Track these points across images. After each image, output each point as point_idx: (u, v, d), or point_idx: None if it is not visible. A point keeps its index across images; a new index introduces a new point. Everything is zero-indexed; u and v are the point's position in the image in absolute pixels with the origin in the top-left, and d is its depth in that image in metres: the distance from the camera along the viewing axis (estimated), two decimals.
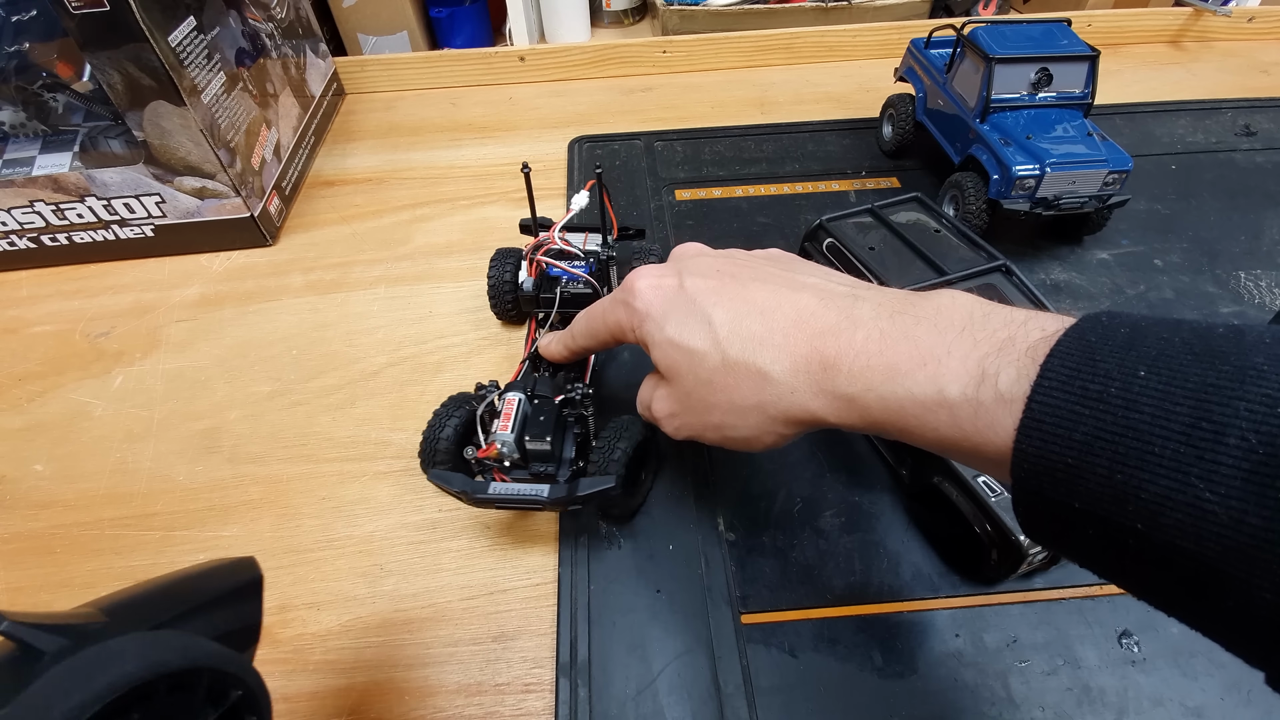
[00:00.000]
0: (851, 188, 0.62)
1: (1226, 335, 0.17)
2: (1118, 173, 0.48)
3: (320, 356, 0.49)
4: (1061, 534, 0.19)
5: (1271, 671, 0.16)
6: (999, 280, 0.40)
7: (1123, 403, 0.16)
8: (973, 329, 0.22)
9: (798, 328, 0.26)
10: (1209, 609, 0.16)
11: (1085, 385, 0.17)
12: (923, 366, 0.22)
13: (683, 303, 0.29)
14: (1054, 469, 0.17)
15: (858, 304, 0.25)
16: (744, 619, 0.35)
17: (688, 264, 0.31)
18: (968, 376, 0.20)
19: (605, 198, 0.43)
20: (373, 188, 0.64)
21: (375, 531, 0.39)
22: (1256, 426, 0.15)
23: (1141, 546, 0.16)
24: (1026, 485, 0.18)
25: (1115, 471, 0.16)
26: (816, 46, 0.80)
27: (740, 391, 0.27)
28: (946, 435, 0.21)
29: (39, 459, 0.43)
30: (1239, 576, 0.15)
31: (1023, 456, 0.18)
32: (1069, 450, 0.17)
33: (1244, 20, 0.81)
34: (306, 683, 0.34)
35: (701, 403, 0.28)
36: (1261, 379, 0.15)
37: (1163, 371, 0.16)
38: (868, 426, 0.24)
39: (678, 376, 0.29)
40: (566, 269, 0.44)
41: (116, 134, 0.54)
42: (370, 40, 1.01)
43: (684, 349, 0.28)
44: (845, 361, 0.24)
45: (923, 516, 0.38)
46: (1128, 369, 0.17)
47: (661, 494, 0.40)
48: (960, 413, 0.20)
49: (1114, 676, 0.33)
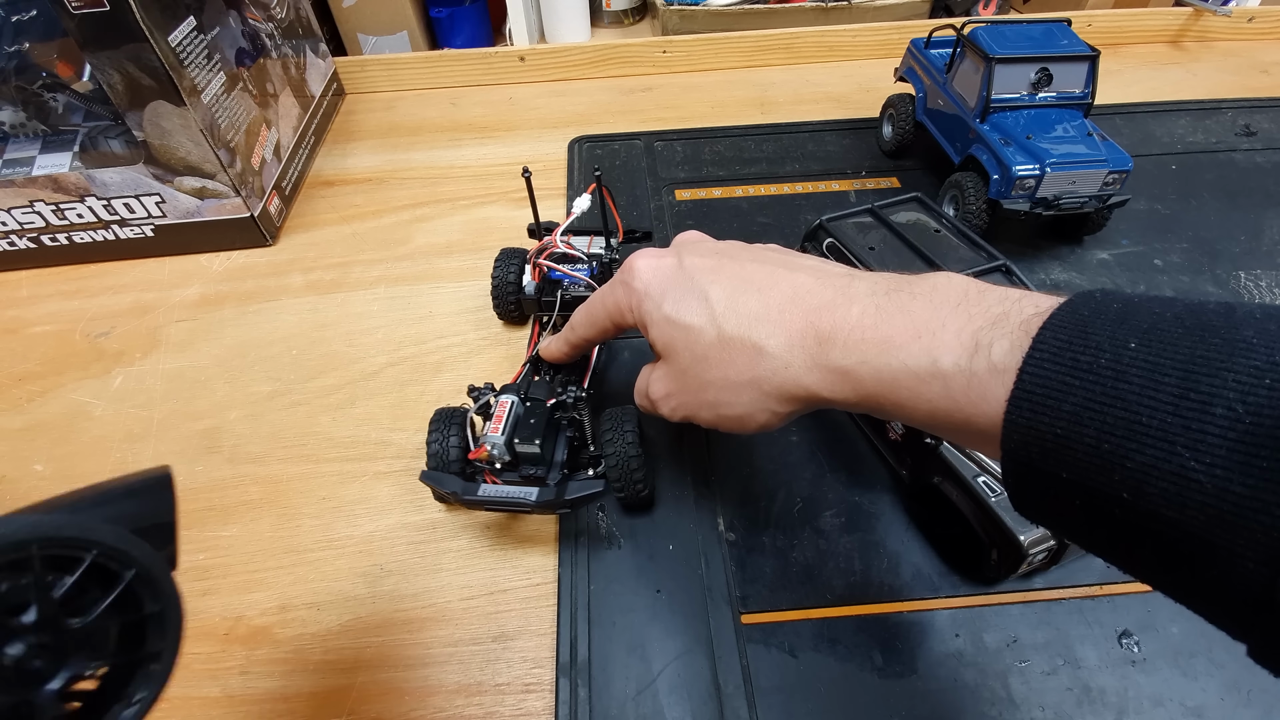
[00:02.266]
0: (851, 188, 0.62)
1: (1217, 310, 0.17)
2: (1118, 173, 0.48)
3: (320, 356, 0.49)
4: (1050, 506, 0.19)
5: (1253, 643, 0.16)
6: (999, 280, 0.40)
7: (1112, 373, 0.17)
8: (967, 305, 0.22)
9: (794, 304, 0.26)
10: (1192, 579, 0.16)
11: (1076, 357, 0.17)
12: (917, 339, 0.22)
13: (681, 280, 0.29)
14: (1043, 439, 0.18)
15: (854, 282, 0.26)
16: (744, 619, 0.35)
17: (687, 246, 0.31)
18: (961, 348, 0.21)
19: (609, 201, 0.43)
20: (373, 188, 0.64)
21: (375, 531, 0.39)
22: (1243, 397, 0.15)
23: (1127, 516, 0.16)
24: (1016, 456, 0.19)
25: (1103, 441, 0.16)
26: (816, 46, 0.80)
27: (736, 367, 0.27)
28: (939, 407, 0.21)
29: (39, 459, 0.43)
30: (1222, 545, 0.15)
31: (1013, 427, 0.18)
32: (1058, 420, 0.17)
33: (1244, 20, 0.81)
34: (306, 683, 0.34)
35: (697, 380, 0.28)
36: (1250, 352, 0.15)
37: (1153, 344, 0.17)
38: (861, 400, 0.24)
39: (674, 353, 0.29)
40: (567, 273, 0.44)
41: (116, 134, 0.54)
42: (370, 40, 1.01)
43: (681, 325, 0.28)
44: (840, 335, 0.24)
45: (923, 516, 0.38)
46: (1118, 341, 0.17)
47: (662, 494, 0.40)
48: (953, 384, 0.21)
49: (1114, 676, 0.33)
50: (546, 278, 0.45)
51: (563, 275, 0.44)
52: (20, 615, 0.16)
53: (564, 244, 0.44)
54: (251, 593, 0.37)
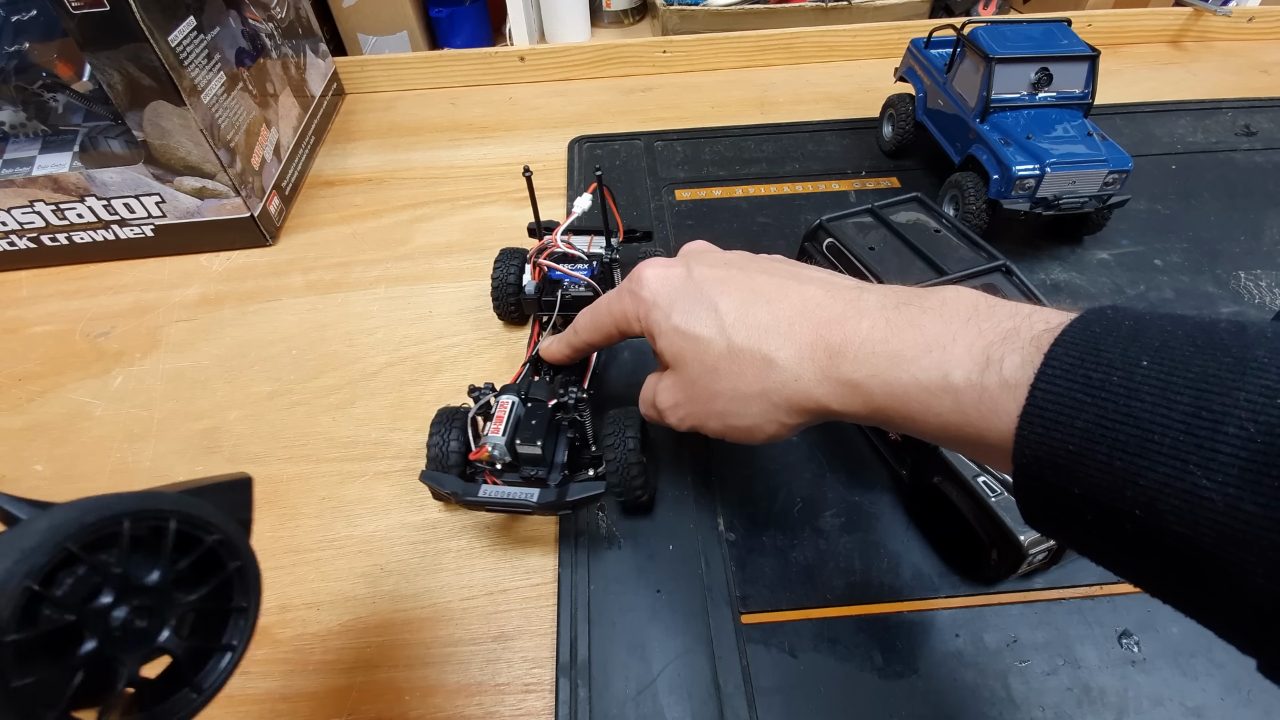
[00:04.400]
0: (851, 188, 0.62)
1: (1229, 329, 0.17)
2: (1118, 173, 0.48)
3: (320, 356, 0.49)
4: (1060, 520, 0.19)
5: (1263, 658, 0.16)
6: (999, 280, 0.40)
7: (1124, 391, 0.17)
8: (978, 319, 0.22)
9: (804, 316, 0.26)
10: (1203, 595, 0.16)
11: (1088, 373, 0.17)
12: (928, 353, 0.22)
13: (690, 291, 0.29)
14: (1055, 455, 0.18)
15: (863, 295, 0.26)
16: (744, 619, 0.35)
17: (695, 256, 0.31)
18: (972, 362, 0.21)
19: (610, 200, 0.43)
20: (373, 188, 0.64)
21: (375, 531, 0.39)
22: (1255, 416, 0.15)
23: (1138, 531, 0.17)
24: (1028, 471, 0.19)
25: (1115, 458, 0.16)
26: (816, 46, 0.80)
27: (745, 379, 0.27)
28: (950, 421, 0.21)
29: (39, 459, 0.43)
30: (1233, 562, 0.15)
31: (1025, 442, 0.18)
32: (1070, 437, 0.17)
33: (1244, 20, 0.81)
34: (306, 683, 0.34)
35: (705, 390, 0.28)
36: (1262, 371, 0.15)
37: (1165, 362, 0.17)
38: (871, 414, 0.24)
39: (683, 364, 0.29)
40: (567, 273, 0.44)
41: (116, 134, 0.54)
42: (370, 40, 1.01)
43: (690, 336, 0.28)
44: (851, 348, 0.24)
45: (923, 516, 0.38)
46: (1130, 358, 0.17)
47: (662, 494, 0.40)
48: (964, 398, 0.21)
49: (1114, 676, 0.33)
50: (547, 277, 0.45)
51: (563, 275, 0.44)
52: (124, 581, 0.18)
53: (564, 243, 0.44)
54: None
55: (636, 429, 0.36)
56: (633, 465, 0.35)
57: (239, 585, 0.20)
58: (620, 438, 0.35)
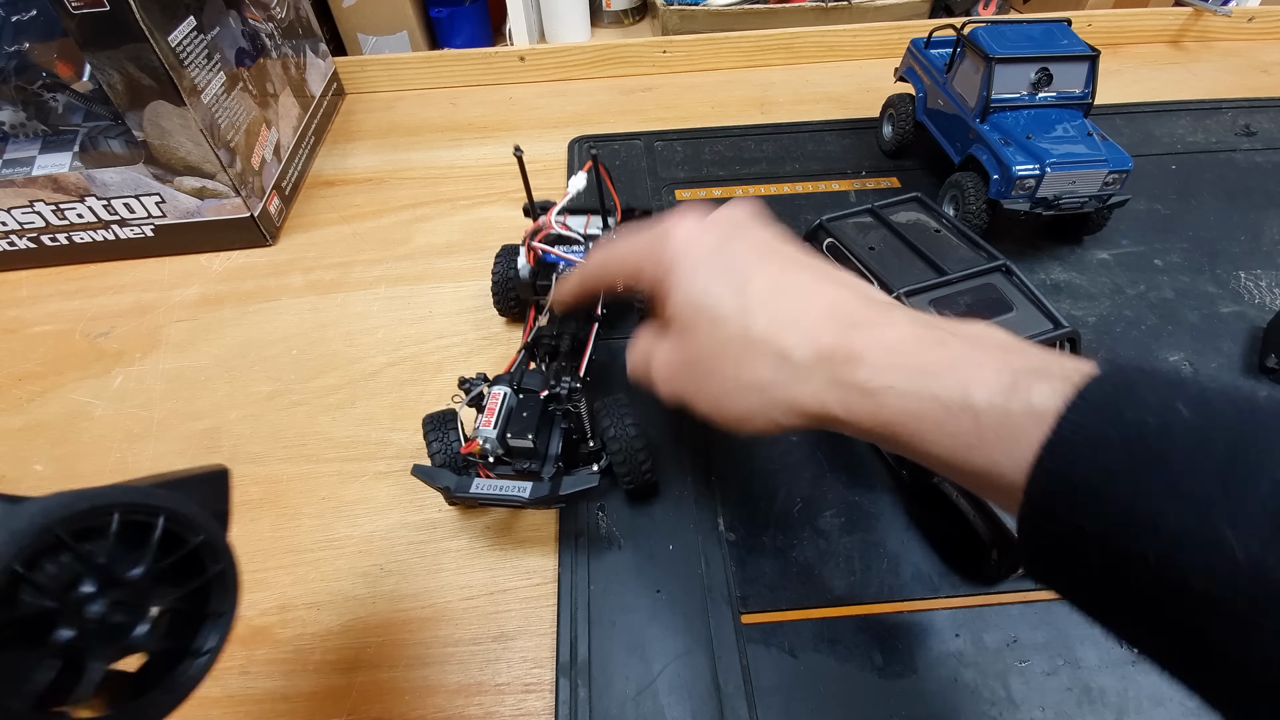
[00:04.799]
0: (851, 188, 0.62)
1: (1269, 395, 0.16)
2: (1118, 173, 0.48)
3: (320, 356, 0.49)
4: (1062, 560, 0.18)
5: None
6: (999, 280, 0.40)
7: (1157, 432, 0.16)
8: (1007, 351, 0.21)
9: (831, 317, 0.24)
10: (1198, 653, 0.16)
11: (1121, 411, 0.17)
12: (952, 371, 0.21)
13: (720, 262, 0.27)
14: (1074, 489, 0.17)
15: (894, 310, 0.25)
16: (744, 619, 0.35)
17: (738, 227, 0.28)
18: (999, 385, 0.20)
19: (607, 179, 0.42)
20: (373, 188, 0.64)
21: (375, 531, 0.39)
22: None
23: (1148, 581, 0.16)
24: (1039, 503, 0.18)
25: (1137, 500, 0.16)
26: (816, 46, 0.80)
27: (751, 368, 0.25)
28: (962, 443, 0.20)
29: (39, 459, 0.43)
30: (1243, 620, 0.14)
31: (1043, 472, 0.18)
32: (1093, 471, 0.17)
33: (1244, 20, 0.81)
34: (306, 683, 0.34)
35: (706, 370, 0.27)
36: None
37: (1202, 410, 0.16)
38: (876, 426, 0.23)
39: (691, 334, 0.27)
40: (562, 255, 0.42)
41: (116, 134, 0.54)
42: (370, 40, 1.01)
43: (707, 309, 0.26)
44: (873, 356, 0.23)
45: (923, 516, 0.38)
46: (1167, 403, 0.17)
47: (662, 493, 0.40)
48: (985, 420, 0.20)
49: (1114, 676, 0.33)
50: (541, 261, 0.43)
51: (557, 258, 0.42)
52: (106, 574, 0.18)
53: (559, 225, 0.42)
54: (251, 593, 0.37)
55: (630, 412, 0.35)
56: (639, 450, 0.35)
57: (218, 590, 0.20)
58: (620, 426, 0.35)
